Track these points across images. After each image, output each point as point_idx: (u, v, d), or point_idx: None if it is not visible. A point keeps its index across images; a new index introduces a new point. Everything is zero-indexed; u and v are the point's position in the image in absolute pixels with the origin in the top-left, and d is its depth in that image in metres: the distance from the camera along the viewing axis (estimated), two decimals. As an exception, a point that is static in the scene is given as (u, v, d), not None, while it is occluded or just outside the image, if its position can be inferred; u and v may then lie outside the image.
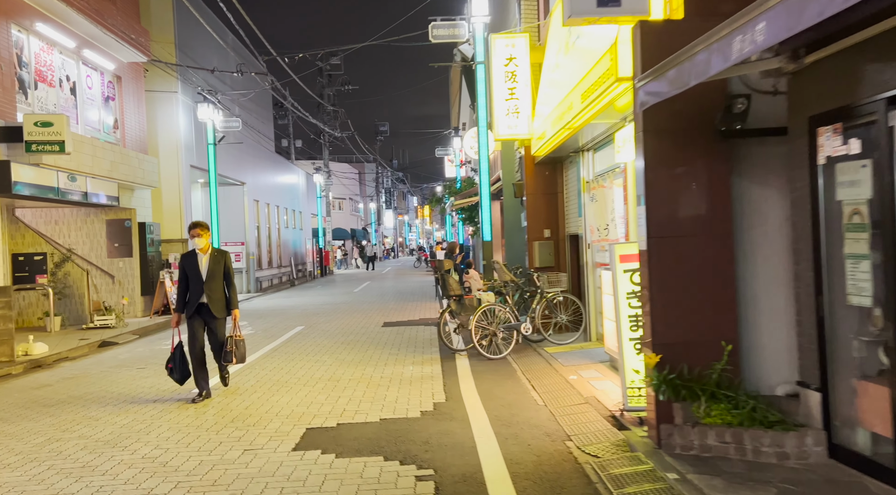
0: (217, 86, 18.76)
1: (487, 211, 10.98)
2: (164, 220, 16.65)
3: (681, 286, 4.50)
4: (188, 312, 6.57)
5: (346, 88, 35.24)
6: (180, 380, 6.60)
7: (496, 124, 10.12)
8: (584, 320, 8.92)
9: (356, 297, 19.23)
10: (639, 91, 4.04)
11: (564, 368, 7.26)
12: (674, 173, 4.49)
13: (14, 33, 11.14)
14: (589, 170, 8.86)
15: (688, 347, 4.48)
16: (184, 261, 6.61)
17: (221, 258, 6.67)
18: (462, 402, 6.12)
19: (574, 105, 6.62)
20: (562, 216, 10.22)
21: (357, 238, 49.53)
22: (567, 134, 7.30)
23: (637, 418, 5.03)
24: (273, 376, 7.70)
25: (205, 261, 6.57)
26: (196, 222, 6.67)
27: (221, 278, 6.63)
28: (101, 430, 5.63)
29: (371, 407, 6.03)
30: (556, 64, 8.39)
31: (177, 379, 6.59)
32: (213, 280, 6.53)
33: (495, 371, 7.59)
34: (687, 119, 4.45)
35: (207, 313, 6.55)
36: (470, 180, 21.29)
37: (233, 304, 6.71)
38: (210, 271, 6.53)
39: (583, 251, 8.98)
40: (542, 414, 5.60)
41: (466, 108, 28.86)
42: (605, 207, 7.89)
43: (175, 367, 6.55)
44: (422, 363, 8.24)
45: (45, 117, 10.43)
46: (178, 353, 6.55)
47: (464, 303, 8.80)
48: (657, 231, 4.50)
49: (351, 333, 11.29)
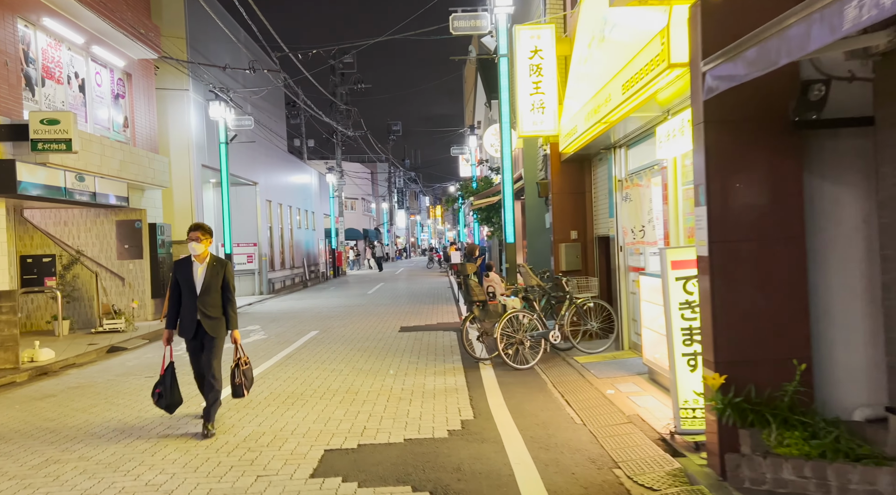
0: (229, 84, 18.39)
1: (510, 211, 10.49)
2: (176, 221, 16.31)
3: (747, 296, 3.99)
4: (185, 334, 5.58)
5: (359, 87, 34.84)
6: (169, 408, 5.62)
7: (520, 120, 9.62)
8: (616, 328, 8.40)
9: (370, 299, 18.80)
10: (705, 76, 3.54)
11: (599, 381, 6.76)
12: (739, 169, 3.98)
13: (20, 28, 10.79)
14: (621, 167, 8.34)
15: (755, 366, 3.97)
16: (176, 270, 5.60)
17: (221, 269, 5.62)
18: (492, 420, 5.64)
19: (612, 97, 6.12)
20: (590, 217, 9.71)
21: (370, 238, 49.18)
22: (602, 128, 6.80)
23: (692, 443, 4.53)
24: (287, 387, 7.26)
25: (201, 272, 5.55)
26: (197, 224, 5.68)
27: (219, 292, 5.60)
28: (104, 450, 5.20)
29: (394, 425, 5.56)
30: (587, 57, 7.89)
31: (165, 406, 5.58)
32: (209, 294, 5.52)
33: (523, 383, 7.10)
34: (755, 108, 3.94)
35: (202, 333, 5.57)
36: (487, 179, 20.80)
37: (232, 324, 5.66)
38: (206, 283, 5.52)
39: (614, 254, 8.47)
40: (582, 436, 5.11)
41: (482, 106, 28.36)
42: (640, 207, 7.37)
43: (165, 393, 5.54)
44: (444, 373, 7.76)
45: (52, 114, 10.06)
46: (168, 377, 5.57)
47: (488, 308, 8.31)
48: (721, 234, 3.99)
49: (367, 339, 10.84)
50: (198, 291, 5.52)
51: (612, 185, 8.43)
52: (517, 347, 7.94)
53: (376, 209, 59.16)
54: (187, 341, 5.65)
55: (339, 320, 13.78)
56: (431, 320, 13.20)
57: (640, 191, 7.41)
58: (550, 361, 8.05)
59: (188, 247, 5.59)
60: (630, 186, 7.69)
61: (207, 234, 5.63)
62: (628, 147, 8.22)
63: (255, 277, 21.90)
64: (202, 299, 5.51)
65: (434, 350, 9.52)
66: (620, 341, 8.36)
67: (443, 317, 13.79)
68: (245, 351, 5.89)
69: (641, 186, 7.35)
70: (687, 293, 4.62)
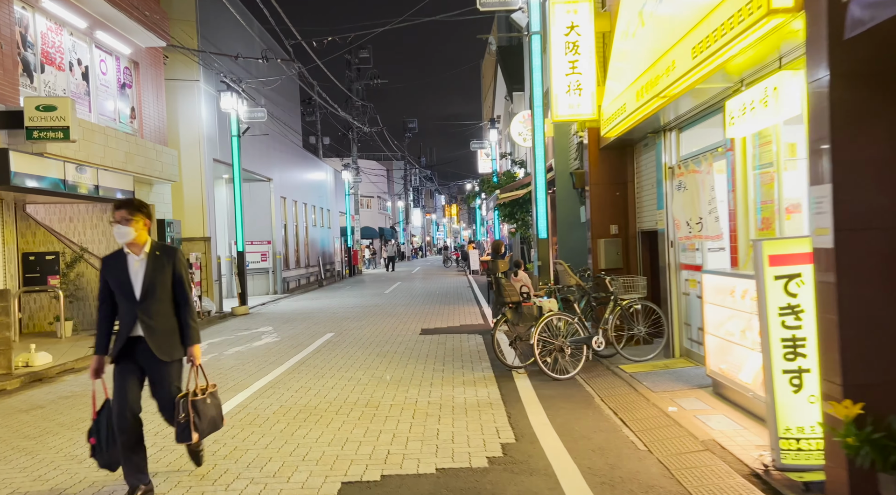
0: (241, 75, 17.68)
1: (543, 204, 9.60)
2: (186, 217, 15.64)
3: (885, 299, 3.10)
4: (113, 352, 3.97)
5: (375, 82, 34.10)
6: (109, 465, 4.00)
7: (554, 104, 8.73)
8: (666, 333, 7.51)
9: (388, 299, 18.01)
10: (849, 5, 2.66)
11: (655, 395, 5.87)
12: (879, 137, 3.09)
13: (17, 9, 10.12)
14: (672, 153, 7.45)
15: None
16: (105, 270, 4.00)
17: (168, 260, 4.03)
18: (538, 443, 4.79)
19: (676, 65, 5.23)
20: (632, 209, 8.81)
21: (385, 237, 48.48)
22: (659, 104, 5.91)
23: (798, 482, 3.64)
24: (299, 400, 6.46)
25: (138, 266, 3.96)
26: (124, 200, 4.02)
27: (168, 294, 4.03)
28: (82, 480, 4.42)
29: (422, 450, 4.73)
30: (636, 29, 6.99)
31: (104, 463, 4.00)
32: (153, 296, 3.95)
33: (566, 396, 6.24)
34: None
35: (146, 355, 3.95)
36: (509, 174, 19.91)
37: (190, 337, 4.06)
38: (148, 283, 3.94)
39: (662, 250, 7.57)
40: (651, 466, 4.24)
41: (501, 99, 27.47)
42: (698, 197, 6.46)
43: (100, 443, 3.95)
44: (474, 383, 6.92)
45: (48, 100, 9.37)
46: (103, 420, 3.96)
47: (522, 311, 7.44)
48: (851, 221, 3.10)
49: (386, 342, 10.03)
50: (137, 295, 3.93)
51: (662, 173, 7.53)
52: (556, 355, 7.08)
53: (392, 207, 58.47)
54: (116, 363, 3.97)
55: (355, 321, 12.99)
56: (453, 322, 12.37)
57: (697, 179, 6.50)
58: (593, 370, 7.18)
59: (114, 233, 3.96)
60: (685, 173, 6.78)
61: (139, 213, 3.96)
62: (680, 129, 7.33)
63: (269, 276, 21.22)
64: (144, 305, 3.93)
65: (460, 355, 8.69)
66: (671, 348, 7.46)
67: (465, 318, 12.95)
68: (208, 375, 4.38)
69: (699, 173, 6.44)
70: (789, 295, 3.73)
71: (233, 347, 10.08)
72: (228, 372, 8.05)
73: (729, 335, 5.53)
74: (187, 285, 4.12)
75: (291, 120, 25.85)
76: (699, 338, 7.04)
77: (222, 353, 9.52)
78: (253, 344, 10.39)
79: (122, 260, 3.99)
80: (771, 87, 4.60)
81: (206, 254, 15.67)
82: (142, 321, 3.93)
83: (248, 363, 8.62)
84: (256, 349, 9.80)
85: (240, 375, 7.84)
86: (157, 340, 3.96)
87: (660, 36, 5.86)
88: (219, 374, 7.96)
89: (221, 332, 12.16)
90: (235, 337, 11.43)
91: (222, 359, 8.98)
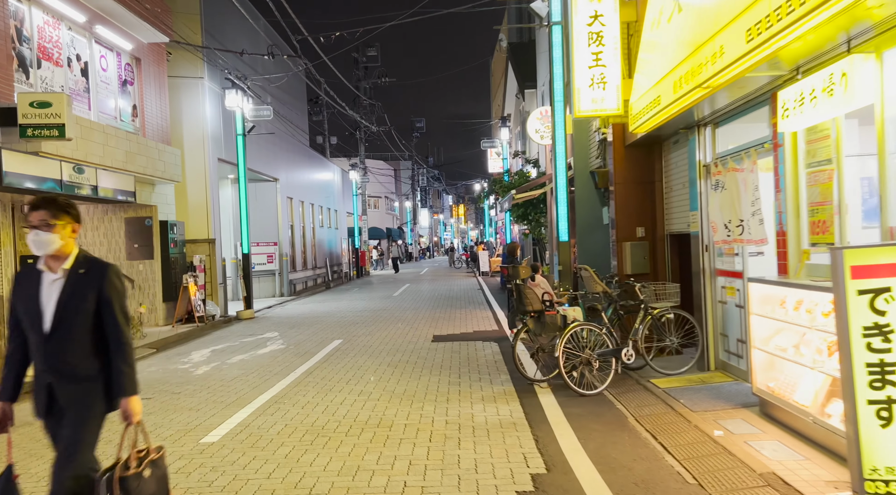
0: (246, 73, 17.23)
1: (564, 204, 9.07)
2: (190, 219, 15.19)
3: None
4: (37, 404, 3.02)
5: (383, 80, 33.62)
6: None
7: (576, 98, 8.21)
8: (701, 344, 6.97)
9: (397, 302, 17.51)
10: None
11: (696, 416, 5.34)
12: None
13: (12, 2, 9.67)
14: (706, 150, 6.92)
15: None
16: (14, 290, 3.06)
17: (94, 281, 3.02)
18: (572, 475, 4.27)
19: (725, 51, 4.69)
20: (660, 210, 8.27)
21: (393, 237, 48.01)
22: (701, 95, 5.37)
23: (889, 533, 3.11)
24: (305, 417, 5.96)
25: (55, 287, 2.98)
26: (45, 198, 3.00)
27: (88, 327, 2.99)
28: (62, 515, 3.93)
29: (443, 482, 4.22)
30: (668, 18, 6.45)
31: None
32: (66, 330, 2.95)
33: (596, 415, 5.71)
34: None
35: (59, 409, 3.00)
36: (521, 173, 19.36)
37: (123, 387, 3.02)
38: (62, 310, 2.96)
39: (698, 254, 7.03)
40: (706, 506, 3.71)
41: (512, 97, 26.92)
42: (738, 198, 5.93)
43: None
44: (494, 399, 6.41)
45: (43, 96, 8.91)
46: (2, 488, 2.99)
47: (545, 320, 6.92)
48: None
49: (397, 350, 9.53)
50: (47, 326, 2.94)
51: (696, 172, 6.99)
52: (582, 368, 6.55)
53: (399, 208, 58.00)
54: (44, 419, 3.05)
55: (364, 327, 12.50)
56: (466, 328, 11.85)
57: (738, 178, 5.97)
58: (622, 385, 6.65)
59: (28, 241, 2.98)
60: (723, 172, 6.24)
61: (66, 215, 3.00)
62: (716, 124, 6.80)
63: (275, 278, 20.78)
64: (52, 342, 2.94)
65: (476, 366, 8.17)
66: (706, 360, 6.92)
67: (478, 323, 12.44)
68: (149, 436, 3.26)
69: (741, 171, 5.91)
70: (876, 313, 3.20)
71: (236, 355, 9.59)
72: (231, 384, 7.57)
73: (780, 350, 5.01)
74: (119, 315, 3.01)
75: (298, 119, 25.41)
76: (738, 351, 6.50)
77: (225, 362, 9.04)
78: (258, 351, 9.90)
79: (35, 278, 2.99)
80: (838, 74, 4.08)
81: (211, 256, 15.22)
82: (47, 363, 2.94)
83: (251, 373, 8.14)
84: (261, 357, 9.31)
85: (243, 387, 7.36)
86: (66, 390, 2.95)
87: (703, 20, 5.32)
88: (221, 385, 7.48)
89: (225, 338, 11.69)
90: (240, 343, 10.95)
91: (224, 369, 8.49)
